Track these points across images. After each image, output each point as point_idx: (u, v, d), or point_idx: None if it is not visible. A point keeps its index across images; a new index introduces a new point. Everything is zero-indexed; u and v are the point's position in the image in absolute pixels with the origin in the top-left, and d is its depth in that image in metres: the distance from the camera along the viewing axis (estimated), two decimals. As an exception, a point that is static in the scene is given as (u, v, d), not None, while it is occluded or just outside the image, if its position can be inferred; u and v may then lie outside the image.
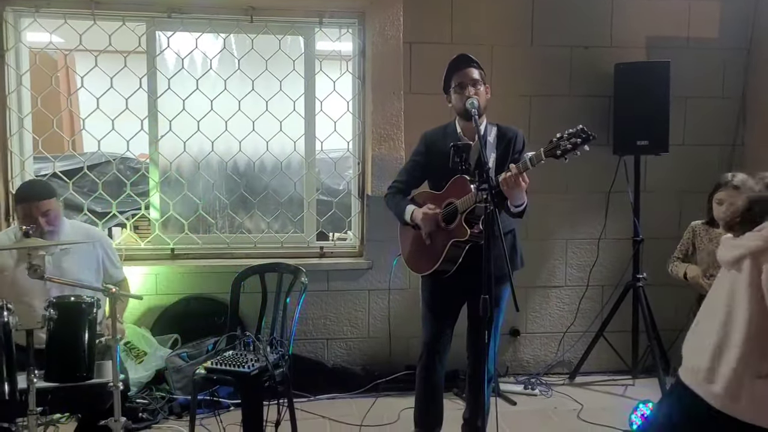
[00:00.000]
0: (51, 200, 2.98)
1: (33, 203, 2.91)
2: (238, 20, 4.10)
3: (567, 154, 2.66)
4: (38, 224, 2.90)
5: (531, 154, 2.72)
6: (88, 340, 2.33)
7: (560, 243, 4.37)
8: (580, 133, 2.62)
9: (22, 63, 4.05)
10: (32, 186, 3.16)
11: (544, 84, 4.23)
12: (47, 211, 2.93)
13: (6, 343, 2.18)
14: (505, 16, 4.17)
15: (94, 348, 2.37)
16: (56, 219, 3.00)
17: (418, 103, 4.03)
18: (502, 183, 2.70)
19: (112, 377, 2.40)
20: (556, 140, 2.67)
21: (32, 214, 2.90)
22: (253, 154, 4.24)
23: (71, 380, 2.33)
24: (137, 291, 3.98)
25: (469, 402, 3.25)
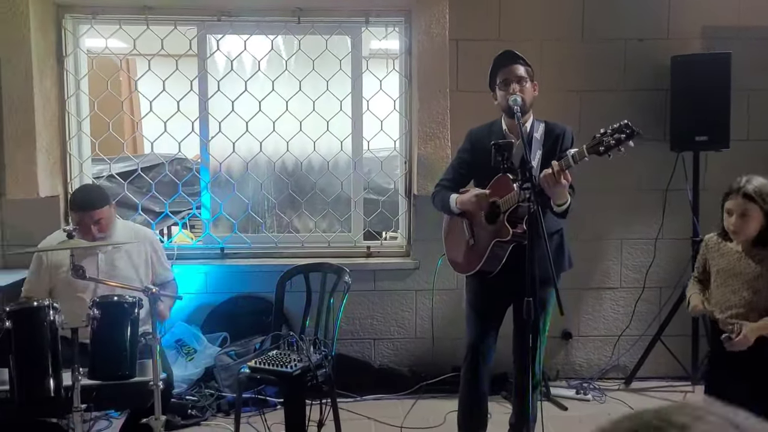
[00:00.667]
0: (103, 209, 3.05)
1: (86, 212, 3.00)
2: (286, 22, 4.13)
3: (610, 150, 2.56)
4: (90, 232, 2.98)
5: (573, 150, 2.64)
6: (130, 338, 2.38)
7: (614, 243, 4.23)
8: (624, 129, 2.53)
9: (81, 68, 4.18)
10: (86, 195, 3.20)
11: (596, 79, 4.10)
12: (99, 219, 3.01)
13: (52, 341, 2.25)
14: (554, 9, 4.06)
15: (136, 347, 2.42)
16: (108, 226, 3.07)
17: (464, 100, 3.97)
18: (542, 180, 2.63)
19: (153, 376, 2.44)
20: (599, 136, 2.58)
21: (85, 222, 2.98)
22: (300, 154, 4.27)
23: (113, 378, 2.39)
24: (189, 289, 4.07)
25: (516, 406, 3.18)
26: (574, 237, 4.03)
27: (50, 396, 2.22)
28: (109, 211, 3.07)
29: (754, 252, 2.61)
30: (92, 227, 2.96)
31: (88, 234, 2.95)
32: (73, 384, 2.30)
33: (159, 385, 2.46)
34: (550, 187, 2.65)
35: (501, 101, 2.92)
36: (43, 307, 2.29)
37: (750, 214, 2.56)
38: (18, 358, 2.23)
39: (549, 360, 4.17)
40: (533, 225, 2.56)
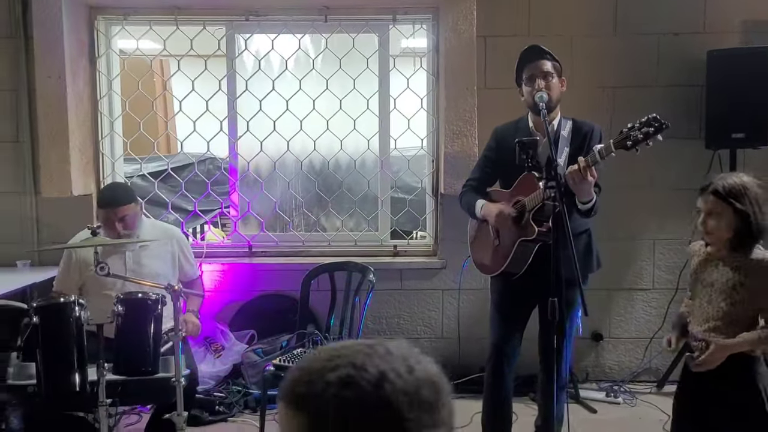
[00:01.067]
0: (129, 206, 3.08)
1: (111, 209, 3.04)
2: (313, 20, 4.13)
3: (638, 144, 2.50)
4: (116, 228, 3.03)
5: (600, 146, 2.59)
6: (153, 335, 2.40)
7: (647, 243, 4.13)
8: (653, 122, 2.47)
9: (113, 68, 4.25)
10: (111, 192, 3.26)
11: (629, 74, 4.01)
12: (124, 216, 3.04)
13: (78, 336, 2.28)
14: (585, 3, 3.98)
15: (159, 343, 2.45)
16: (133, 223, 3.11)
17: (493, 98, 3.92)
18: (568, 177, 2.57)
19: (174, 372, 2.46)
20: (626, 131, 2.52)
21: (110, 218, 3.03)
22: (327, 153, 4.27)
23: (136, 374, 2.42)
24: (217, 287, 4.12)
25: (541, 408, 3.13)
26: (605, 237, 3.96)
27: (75, 390, 2.26)
28: (135, 208, 3.11)
29: (732, 258, 2.30)
30: (117, 224, 3.00)
31: (113, 231, 2.99)
32: (98, 379, 2.34)
33: (181, 382, 2.48)
34: (576, 183, 2.60)
35: (527, 97, 2.87)
36: (69, 303, 2.33)
37: (720, 214, 2.27)
38: (44, 352, 2.27)
39: (578, 362, 4.10)
40: (558, 224, 2.52)
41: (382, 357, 0.89)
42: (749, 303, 2.27)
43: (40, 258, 3.94)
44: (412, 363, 0.89)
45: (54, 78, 3.88)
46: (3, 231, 4.00)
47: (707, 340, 2.29)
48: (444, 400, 0.91)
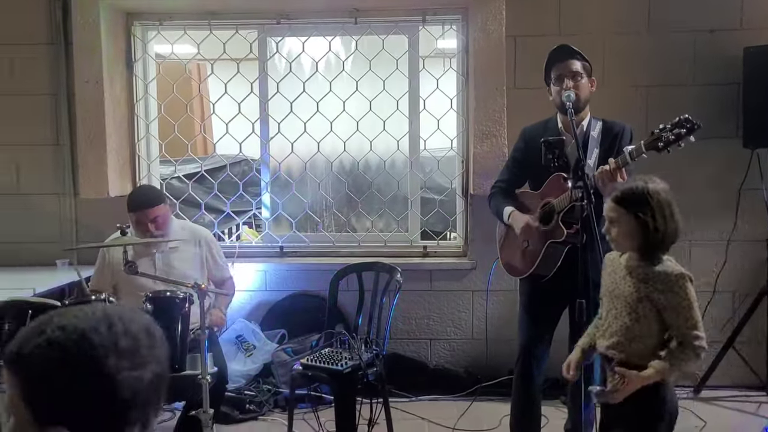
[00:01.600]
0: (158, 207, 3.15)
1: (142, 211, 3.10)
2: (343, 23, 4.16)
3: (670, 146, 2.46)
4: (148, 229, 3.10)
5: (630, 147, 2.56)
6: (180, 333, 2.45)
7: (683, 244, 4.03)
8: (684, 123, 2.42)
9: (149, 72, 4.35)
10: (140, 194, 3.33)
11: (663, 73, 3.94)
12: (155, 217, 3.11)
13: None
14: (617, 1, 3.92)
15: (185, 341, 2.49)
16: (164, 224, 3.17)
17: (523, 98, 3.89)
18: (597, 178, 2.54)
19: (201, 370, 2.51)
20: (658, 131, 2.48)
21: (142, 220, 3.09)
22: (357, 154, 4.29)
23: (163, 371, 2.46)
24: (248, 287, 4.17)
25: (571, 412, 3.09)
26: (639, 238, 3.91)
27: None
28: (165, 209, 3.17)
29: (639, 269, 2.15)
30: (149, 225, 3.06)
31: (146, 232, 3.06)
32: (126, 375, 2.39)
33: (207, 379, 2.52)
34: (605, 185, 2.57)
35: (555, 97, 2.85)
36: (99, 301, 2.39)
37: (619, 220, 2.15)
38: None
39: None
40: (587, 225, 2.49)
41: (86, 318, 1.05)
42: (652, 319, 2.12)
43: (78, 257, 4.05)
44: (114, 321, 1.05)
45: (92, 83, 4.00)
46: (44, 231, 4.12)
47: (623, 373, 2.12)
48: (145, 344, 1.08)
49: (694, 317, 2.09)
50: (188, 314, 2.53)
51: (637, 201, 2.12)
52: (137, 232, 3.12)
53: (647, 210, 2.10)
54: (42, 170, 4.14)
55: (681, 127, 2.44)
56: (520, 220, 2.90)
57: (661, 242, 2.12)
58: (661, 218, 2.10)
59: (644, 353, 2.14)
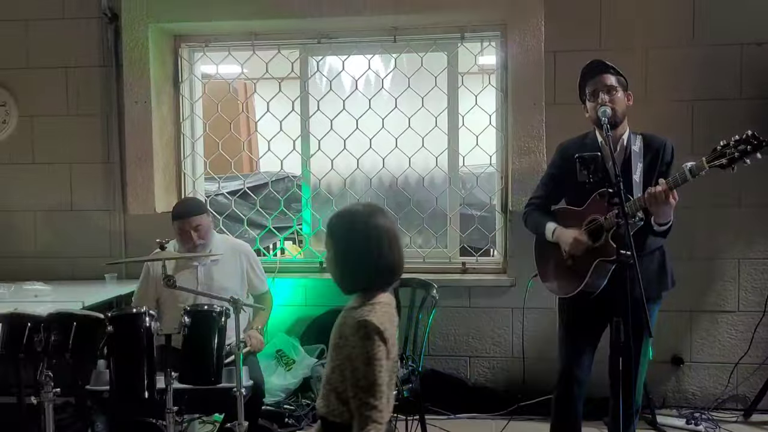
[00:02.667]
0: (201, 216, 3.26)
1: (185, 219, 3.21)
2: (382, 41, 4.22)
3: (735, 163, 2.42)
4: (191, 238, 3.19)
5: (691, 164, 2.50)
6: (217, 346, 2.51)
7: (732, 263, 3.92)
8: (751, 140, 2.37)
9: (195, 92, 4.49)
10: (184, 204, 3.49)
11: (709, 87, 3.85)
12: (197, 226, 3.21)
13: (148, 346, 2.42)
14: (660, 14, 3.86)
15: (222, 354, 2.55)
16: (206, 233, 3.27)
17: (563, 114, 3.84)
18: (648, 198, 2.50)
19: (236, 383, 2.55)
20: (720, 148, 2.43)
21: (185, 228, 3.20)
22: (396, 171, 4.32)
23: (200, 383, 2.53)
24: (288, 301, 4.23)
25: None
26: (686, 256, 3.83)
27: (144, 397, 2.39)
28: (207, 219, 3.28)
29: (348, 309, 1.94)
30: (192, 233, 3.16)
31: (189, 241, 3.16)
32: (166, 387, 2.46)
33: (242, 392, 2.56)
34: (657, 205, 2.53)
35: (591, 113, 2.81)
36: (141, 314, 2.48)
37: (326, 247, 1.96)
38: (117, 360, 2.42)
39: (657, 386, 3.93)
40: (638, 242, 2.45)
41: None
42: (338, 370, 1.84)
43: (126, 271, 4.18)
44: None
45: (140, 103, 4.15)
46: (94, 246, 4.28)
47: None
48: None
49: (370, 378, 1.76)
50: (225, 328, 2.59)
51: (336, 227, 1.91)
52: (180, 242, 3.23)
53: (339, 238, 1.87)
54: (93, 188, 4.31)
55: (747, 143, 2.39)
56: (567, 236, 2.84)
57: (362, 278, 1.89)
58: (353, 253, 1.85)
59: (341, 411, 1.85)
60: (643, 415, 3.66)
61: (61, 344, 2.42)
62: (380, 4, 3.98)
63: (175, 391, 2.53)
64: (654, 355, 3.04)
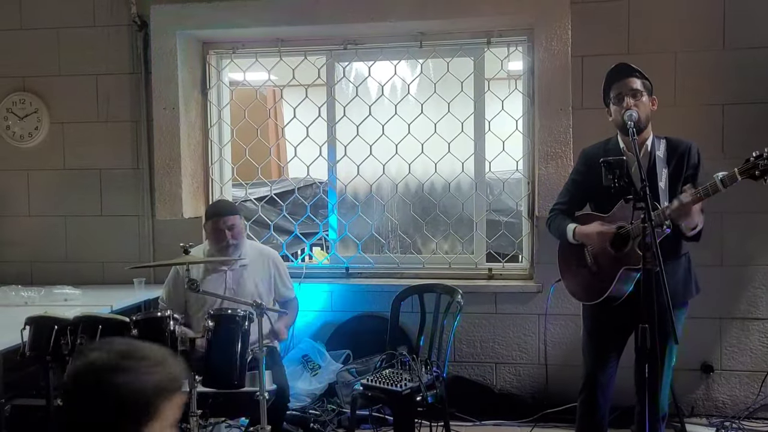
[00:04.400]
0: (235, 216, 3.33)
1: (220, 218, 3.28)
2: (408, 47, 4.22)
3: (767, 175, 2.37)
4: (225, 237, 3.24)
5: (722, 174, 2.45)
6: (240, 350, 2.53)
7: (763, 269, 3.84)
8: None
9: (223, 99, 4.54)
10: (218, 204, 3.59)
11: (740, 91, 3.78)
12: (232, 225, 3.28)
13: (172, 349, 2.44)
14: (690, 18, 3.80)
15: (245, 357, 2.57)
16: (239, 234, 3.33)
17: (590, 118, 3.81)
18: (672, 213, 2.47)
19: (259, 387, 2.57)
20: (754, 159, 2.39)
21: (219, 227, 3.25)
22: (422, 176, 4.32)
23: (224, 387, 2.54)
24: (314, 307, 4.25)
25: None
26: (717, 263, 3.77)
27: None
28: (240, 221, 3.35)
29: None
30: (227, 232, 3.22)
31: (223, 239, 3.21)
32: (189, 390, 2.49)
33: (265, 396, 2.58)
34: (681, 218, 2.51)
35: (615, 117, 2.79)
36: (165, 317, 2.51)
37: None
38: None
39: (686, 394, 3.86)
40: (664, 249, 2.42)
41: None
42: None
43: (155, 276, 4.23)
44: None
45: (169, 109, 4.21)
46: (124, 250, 4.34)
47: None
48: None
49: None
50: (248, 332, 2.61)
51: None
52: (213, 241, 3.28)
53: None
54: (123, 193, 4.37)
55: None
56: (590, 230, 2.80)
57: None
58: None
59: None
60: (672, 424, 3.60)
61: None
62: (406, 10, 3.98)
63: (199, 395, 2.55)
64: (679, 361, 3.00)
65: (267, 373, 2.68)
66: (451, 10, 3.95)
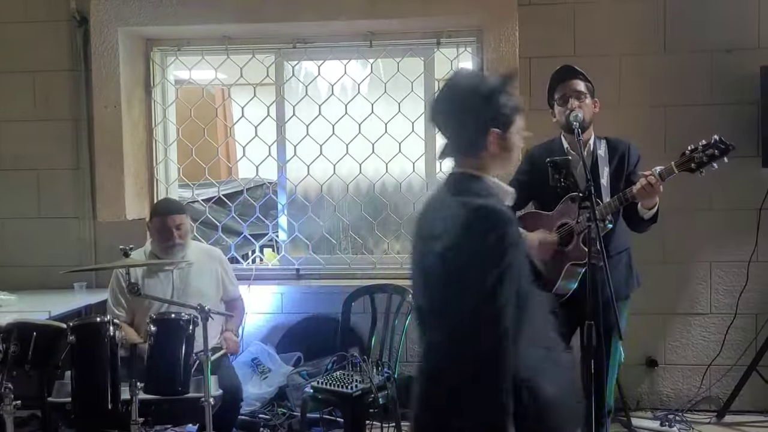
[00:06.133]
0: (183, 215, 3.27)
1: (168, 216, 3.20)
2: (358, 46, 4.20)
3: (703, 167, 2.48)
4: (172, 236, 3.16)
5: (660, 168, 2.56)
6: (185, 355, 2.46)
7: (703, 266, 3.96)
8: (718, 144, 2.43)
9: (167, 97, 4.42)
10: (166, 202, 3.54)
11: (681, 93, 3.89)
12: (180, 224, 3.21)
13: (112, 356, 2.36)
14: (633, 22, 3.90)
15: (190, 363, 2.50)
16: (186, 234, 3.27)
17: (540, 119, 3.80)
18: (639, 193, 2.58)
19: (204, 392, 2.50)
20: (689, 152, 2.49)
21: (167, 225, 3.17)
22: (373, 176, 4.30)
23: (167, 393, 2.47)
24: (265, 309, 4.18)
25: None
26: (660, 260, 3.87)
27: (108, 409, 2.32)
28: (188, 221, 3.30)
29: None
30: (174, 231, 3.15)
31: (169, 238, 3.14)
32: (131, 398, 2.40)
33: (210, 402, 2.51)
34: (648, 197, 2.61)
35: (560, 118, 2.85)
36: (104, 322, 2.42)
37: None
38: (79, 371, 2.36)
39: (632, 388, 3.95)
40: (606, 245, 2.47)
41: None
42: None
43: (96, 280, 4.10)
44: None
45: (110, 108, 4.08)
46: (63, 254, 4.18)
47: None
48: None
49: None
50: (192, 336, 2.55)
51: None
52: (158, 240, 3.20)
53: None
54: (62, 194, 4.21)
55: (714, 148, 2.45)
56: (533, 239, 2.85)
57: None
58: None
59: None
60: (618, 418, 3.68)
61: (20, 355, 2.36)
62: (356, 10, 3.96)
63: (141, 402, 2.47)
64: (626, 357, 3.06)
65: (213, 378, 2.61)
66: (401, 10, 3.94)
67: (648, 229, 2.80)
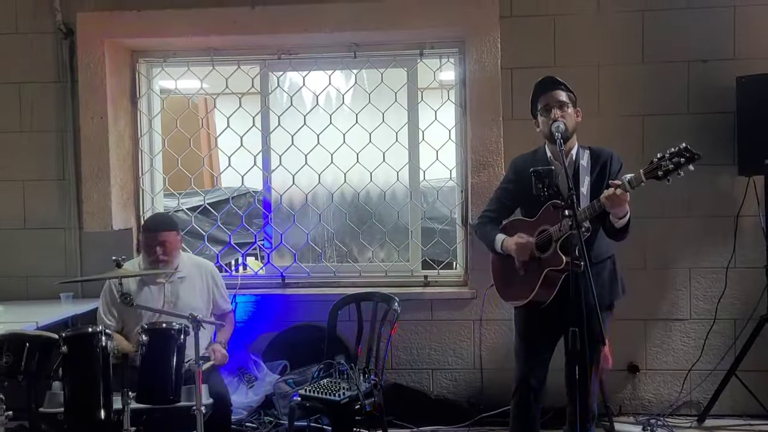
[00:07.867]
0: (170, 232, 3.26)
1: (152, 233, 3.22)
2: (343, 57, 4.25)
3: (669, 175, 2.52)
4: (155, 252, 3.18)
5: (630, 176, 2.61)
6: (176, 364, 2.48)
7: (683, 272, 4.04)
8: (684, 152, 2.48)
9: (153, 108, 4.45)
10: (155, 218, 3.51)
11: (658, 102, 3.98)
12: (164, 241, 3.22)
13: (104, 366, 2.38)
14: (611, 33, 3.98)
15: (181, 372, 2.52)
16: (171, 251, 3.26)
17: (521, 129, 3.93)
18: (605, 202, 2.60)
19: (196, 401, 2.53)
20: (656, 161, 2.54)
21: (150, 242, 3.19)
22: (358, 185, 4.35)
23: (159, 402, 2.49)
24: (250, 318, 4.20)
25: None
26: (640, 266, 3.94)
27: (100, 419, 2.34)
28: (175, 236, 3.28)
29: None
30: (156, 248, 3.15)
31: (152, 254, 3.15)
32: (123, 407, 2.42)
33: (201, 410, 2.54)
34: (615, 206, 2.63)
35: (543, 128, 2.90)
36: (96, 333, 2.44)
37: None
38: (71, 381, 2.37)
39: (614, 394, 4.01)
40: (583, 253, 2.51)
41: None
42: None
43: (83, 291, 4.10)
44: None
45: (96, 118, 4.10)
46: (49, 264, 4.19)
47: None
48: None
49: None
50: (184, 345, 2.57)
51: None
52: (145, 255, 3.21)
53: None
54: (48, 205, 4.22)
55: (680, 156, 2.49)
56: (511, 243, 2.92)
57: None
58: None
59: None
60: (602, 423, 3.73)
61: (13, 366, 2.37)
62: (340, 21, 4.01)
63: (133, 412, 2.49)
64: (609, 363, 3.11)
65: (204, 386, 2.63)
66: (385, 22, 4.01)
67: (624, 237, 2.84)
